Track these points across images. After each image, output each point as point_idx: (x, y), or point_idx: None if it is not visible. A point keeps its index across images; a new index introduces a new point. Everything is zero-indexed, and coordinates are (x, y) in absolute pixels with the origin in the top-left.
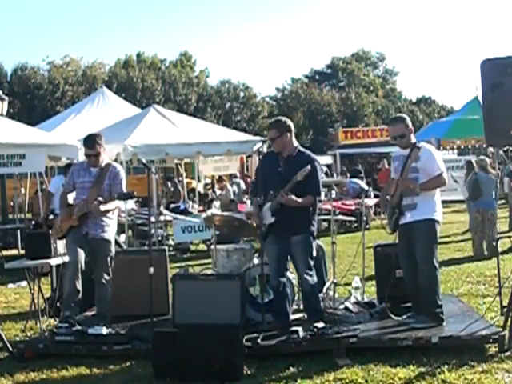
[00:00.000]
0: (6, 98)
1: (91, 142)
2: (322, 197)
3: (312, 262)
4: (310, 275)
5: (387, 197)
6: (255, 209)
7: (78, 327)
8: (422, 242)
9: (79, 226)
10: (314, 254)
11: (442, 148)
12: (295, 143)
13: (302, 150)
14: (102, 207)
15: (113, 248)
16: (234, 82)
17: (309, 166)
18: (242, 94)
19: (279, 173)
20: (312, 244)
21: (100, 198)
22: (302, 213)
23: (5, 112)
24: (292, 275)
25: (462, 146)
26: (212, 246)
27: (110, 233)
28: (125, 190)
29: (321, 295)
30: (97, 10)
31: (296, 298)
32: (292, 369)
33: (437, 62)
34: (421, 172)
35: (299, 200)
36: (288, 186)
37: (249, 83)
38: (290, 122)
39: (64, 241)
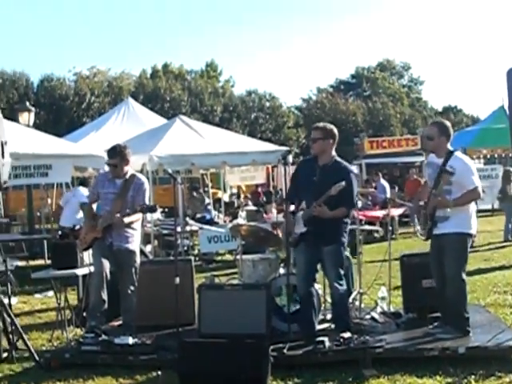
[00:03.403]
0: (33, 109)
1: (112, 151)
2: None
3: (342, 272)
4: (341, 285)
5: (420, 203)
6: (288, 215)
7: (104, 337)
8: (452, 254)
9: (103, 237)
10: None
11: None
12: (333, 153)
13: (339, 160)
14: (126, 220)
15: (138, 258)
16: (260, 92)
17: (343, 182)
18: (267, 104)
19: (314, 182)
20: (343, 254)
21: (127, 210)
22: (335, 223)
23: (31, 123)
24: (318, 285)
25: (489, 156)
26: (238, 256)
27: (135, 243)
28: (147, 202)
29: (348, 306)
30: (124, 22)
31: (322, 307)
32: (318, 379)
33: (463, 71)
34: (454, 185)
35: (332, 213)
36: (321, 198)
37: (274, 93)
38: (336, 131)
39: (90, 251)
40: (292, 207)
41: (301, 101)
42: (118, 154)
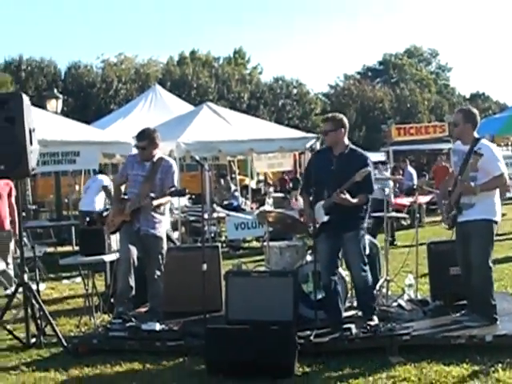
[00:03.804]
0: (61, 96)
1: (141, 134)
2: (379, 195)
3: (365, 258)
4: (364, 271)
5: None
6: (306, 206)
7: (132, 323)
8: (478, 241)
9: (131, 222)
10: (367, 250)
11: (495, 145)
12: (347, 141)
13: (354, 147)
14: (155, 202)
15: (164, 245)
16: (287, 78)
17: (368, 168)
18: (294, 91)
19: (332, 171)
20: (364, 240)
21: (152, 195)
22: (355, 211)
23: (59, 110)
24: (345, 272)
25: None
26: (265, 243)
27: (162, 229)
28: (176, 184)
29: (374, 292)
30: (152, 9)
31: (349, 295)
32: (344, 366)
33: (491, 58)
34: (480, 171)
35: (354, 200)
36: (345, 185)
37: (302, 80)
38: (345, 119)
39: (118, 237)
40: (310, 197)
41: (328, 88)
42: (146, 137)
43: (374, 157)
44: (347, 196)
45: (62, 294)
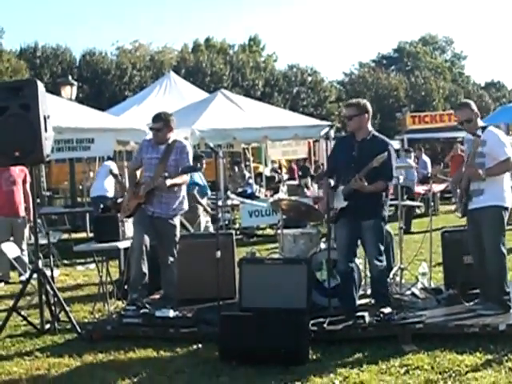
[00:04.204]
0: (75, 83)
1: (157, 117)
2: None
3: (382, 248)
4: (380, 260)
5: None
6: (325, 191)
7: (146, 310)
8: (489, 228)
9: (145, 205)
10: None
11: (511, 133)
12: (370, 127)
13: (376, 134)
14: (168, 182)
15: (177, 231)
16: (302, 66)
17: (386, 153)
18: (309, 79)
19: (353, 157)
20: (383, 229)
21: (166, 174)
22: (375, 198)
23: (74, 97)
24: (359, 260)
25: None
26: (279, 231)
27: (176, 214)
28: (191, 163)
29: (388, 281)
30: None
31: (362, 283)
32: (358, 354)
33: (506, 46)
34: (487, 157)
35: (371, 186)
36: (363, 171)
37: (316, 68)
38: (369, 105)
39: (131, 224)
40: (332, 182)
41: (343, 75)
42: (162, 119)
43: None
44: (364, 182)
45: (76, 281)
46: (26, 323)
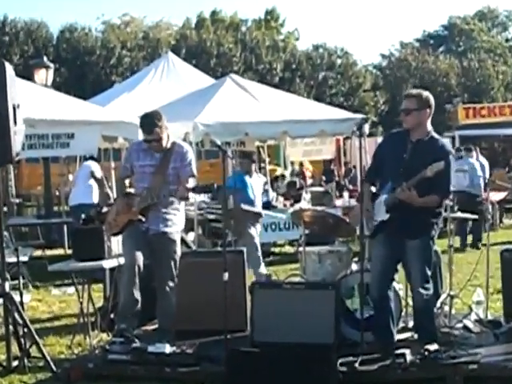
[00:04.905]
0: (52, 65)
1: (149, 125)
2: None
3: (430, 273)
4: (426, 288)
5: None
6: (366, 199)
7: (136, 344)
8: None
9: (139, 221)
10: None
11: None
12: (429, 126)
13: (436, 136)
14: (190, 193)
15: (178, 249)
16: (330, 46)
17: (443, 162)
18: (338, 62)
19: (404, 159)
20: (432, 251)
21: (172, 187)
22: (424, 213)
23: (50, 82)
24: (399, 285)
25: None
26: (300, 248)
27: (176, 230)
28: (195, 173)
29: (434, 311)
30: None
31: (403, 313)
32: None
33: None
34: None
35: (422, 199)
36: (413, 180)
37: (347, 48)
38: (432, 99)
39: (120, 238)
40: (373, 189)
41: (380, 58)
42: (156, 126)
43: None
44: (414, 193)
45: (50, 308)
46: None
